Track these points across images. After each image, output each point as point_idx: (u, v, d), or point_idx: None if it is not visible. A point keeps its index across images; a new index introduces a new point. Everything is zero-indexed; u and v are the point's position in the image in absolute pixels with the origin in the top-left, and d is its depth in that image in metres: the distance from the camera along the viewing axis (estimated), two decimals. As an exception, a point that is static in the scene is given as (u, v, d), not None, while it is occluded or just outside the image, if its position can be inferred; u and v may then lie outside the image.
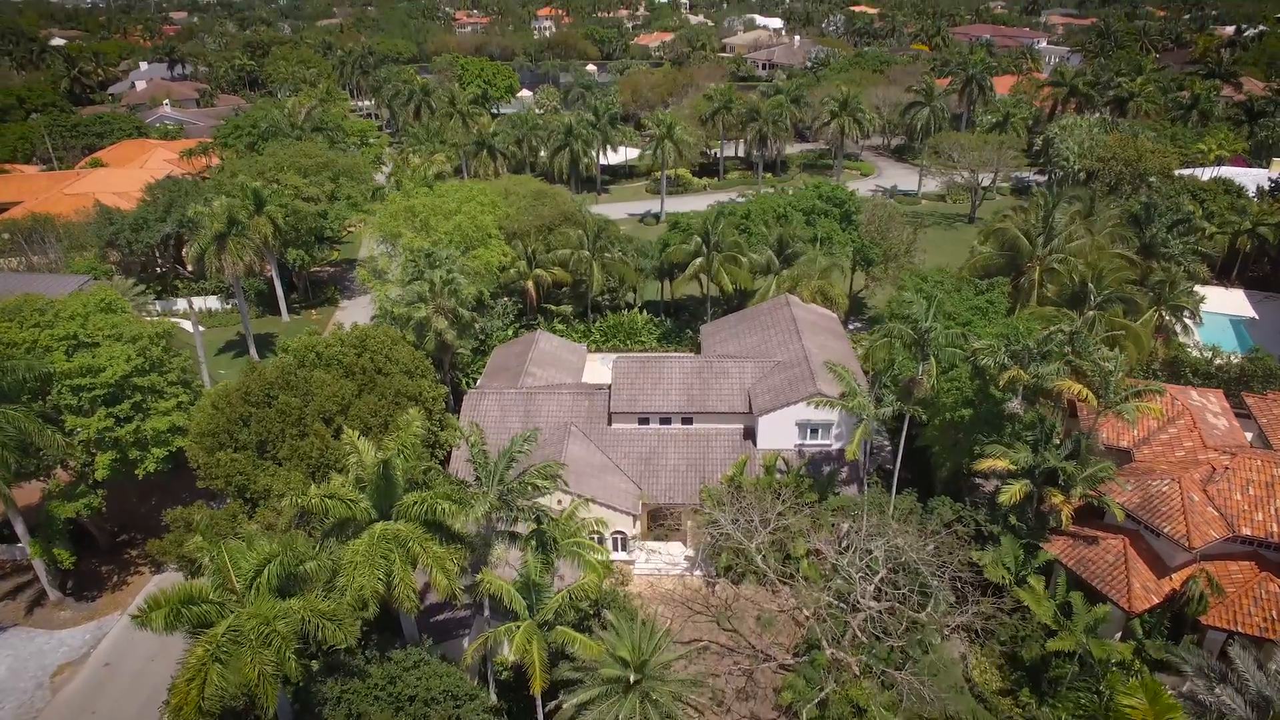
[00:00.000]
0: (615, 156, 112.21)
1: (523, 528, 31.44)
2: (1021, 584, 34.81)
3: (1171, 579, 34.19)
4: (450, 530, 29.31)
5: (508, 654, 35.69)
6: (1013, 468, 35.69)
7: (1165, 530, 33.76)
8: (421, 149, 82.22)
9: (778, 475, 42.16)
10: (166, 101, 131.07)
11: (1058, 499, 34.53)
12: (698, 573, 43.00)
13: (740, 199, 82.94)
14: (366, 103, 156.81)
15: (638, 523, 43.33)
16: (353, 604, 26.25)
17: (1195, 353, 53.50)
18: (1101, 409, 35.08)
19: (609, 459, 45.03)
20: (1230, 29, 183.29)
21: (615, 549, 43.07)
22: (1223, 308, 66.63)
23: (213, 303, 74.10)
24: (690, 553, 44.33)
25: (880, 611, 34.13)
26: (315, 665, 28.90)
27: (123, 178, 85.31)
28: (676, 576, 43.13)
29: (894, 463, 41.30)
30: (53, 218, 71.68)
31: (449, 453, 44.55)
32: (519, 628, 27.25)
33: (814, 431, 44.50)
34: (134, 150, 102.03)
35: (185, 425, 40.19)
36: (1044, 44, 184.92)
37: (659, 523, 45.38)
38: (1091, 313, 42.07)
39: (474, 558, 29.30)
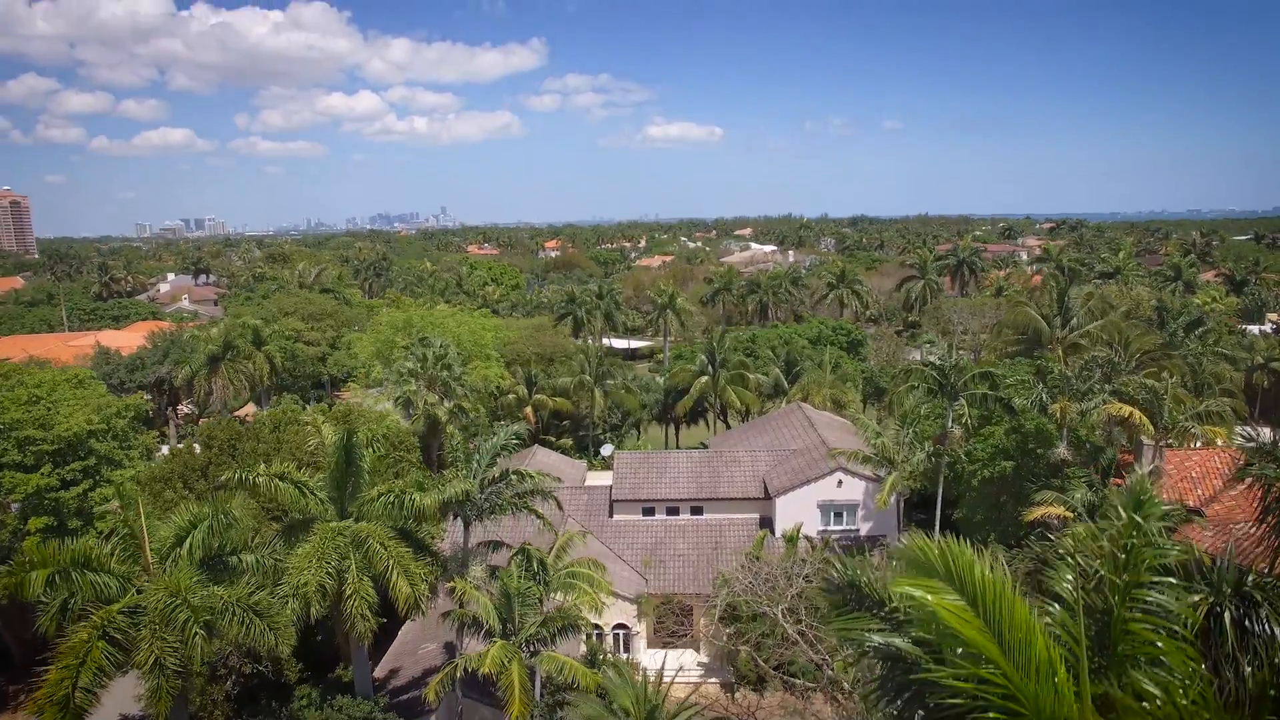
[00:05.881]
0: (619, 342, 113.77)
1: (504, 558, 26.81)
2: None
3: (1284, 632, 28.42)
4: (420, 542, 24.83)
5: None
6: (1069, 515, 31.13)
7: (1264, 573, 28.63)
8: (421, 301, 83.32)
9: (800, 553, 37.09)
10: (185, 297, 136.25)
11: (1130, 539, 29.64)
12: (714, 680, 36.44)
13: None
14: None
15: (643, 620, 37.47)
16: (294, 614, 21.35)
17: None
18: (1160, 438, 31.27)
19: (609, 549, 39.99)
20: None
21: (617, 649, 36.86)
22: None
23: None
24: (704, 659, 37.90)
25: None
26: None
27: (129, 336, 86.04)
28: (690, 685, 36.44)
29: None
30: (50, 361, 70.77)
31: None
32: (495, 643, 21.95)
33: (838, 515, 40.01)
34: (149, 330, 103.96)
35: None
36: (1024, 255, 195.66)
37: (667, 624, 39.32)
38: (1126, 376, 39.31)
39: (447, 575, 24.48)
